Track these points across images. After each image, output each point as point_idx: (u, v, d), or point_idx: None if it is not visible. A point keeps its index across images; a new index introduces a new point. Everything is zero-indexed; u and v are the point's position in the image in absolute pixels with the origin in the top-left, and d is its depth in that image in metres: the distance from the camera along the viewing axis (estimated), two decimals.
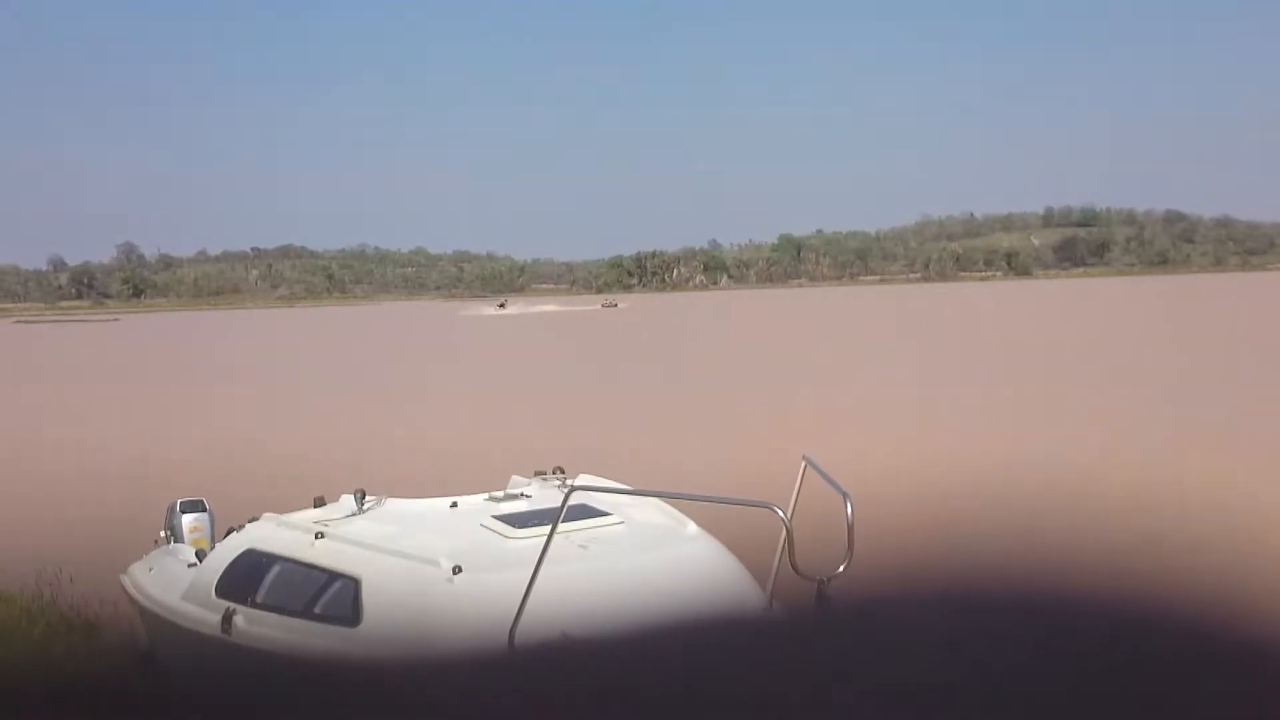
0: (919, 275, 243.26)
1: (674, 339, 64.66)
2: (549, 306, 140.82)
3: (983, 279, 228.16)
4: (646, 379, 39.13)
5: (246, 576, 7.20)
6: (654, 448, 22.43)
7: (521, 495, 7.81)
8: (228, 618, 7.09)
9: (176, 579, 8.33)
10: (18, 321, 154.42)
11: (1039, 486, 16.68)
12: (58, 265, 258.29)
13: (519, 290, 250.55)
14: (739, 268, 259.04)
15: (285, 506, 8.07)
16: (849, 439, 21.73)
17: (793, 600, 5.89)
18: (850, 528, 5.46)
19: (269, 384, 42.18)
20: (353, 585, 6.42)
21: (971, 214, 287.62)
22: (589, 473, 8.32)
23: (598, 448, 21.29)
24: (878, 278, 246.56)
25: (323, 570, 6.67)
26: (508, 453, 20.74)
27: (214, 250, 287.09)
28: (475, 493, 8.08)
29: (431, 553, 6.30)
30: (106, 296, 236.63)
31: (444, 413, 30.71)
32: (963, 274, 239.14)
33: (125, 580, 9.07)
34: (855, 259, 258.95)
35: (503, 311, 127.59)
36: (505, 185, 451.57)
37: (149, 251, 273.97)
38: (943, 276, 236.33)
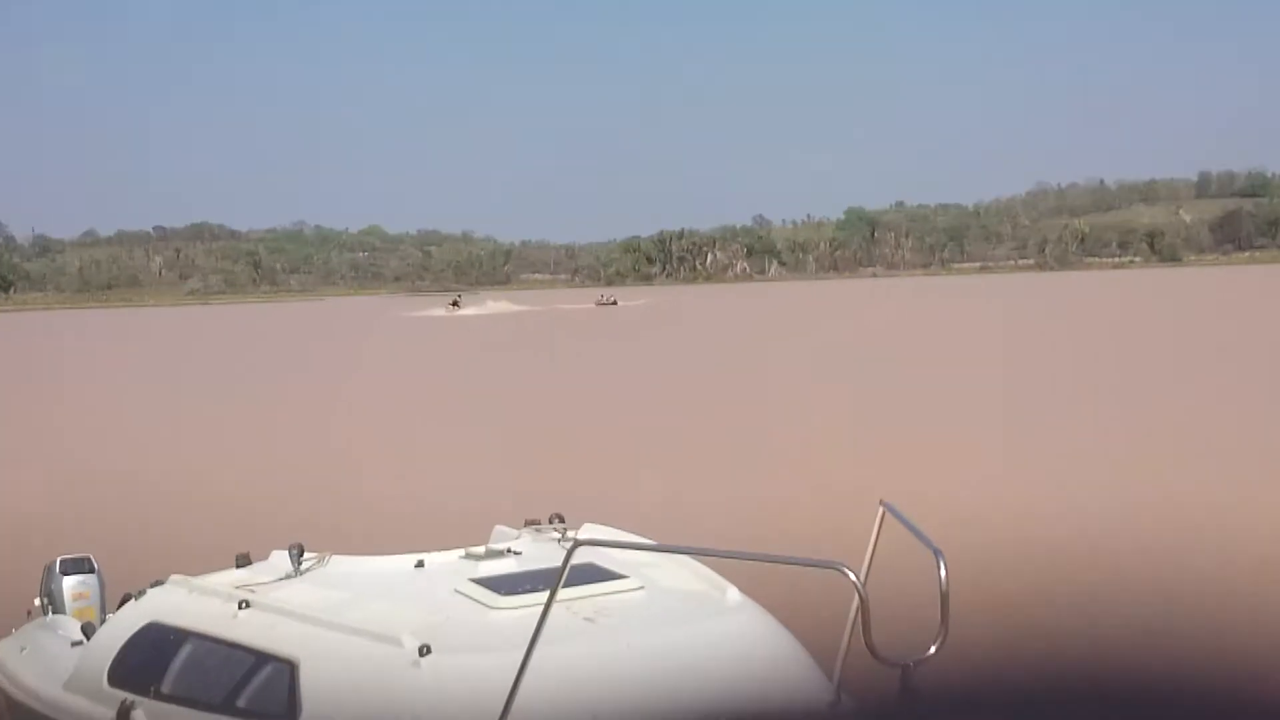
0: (1032, 261, 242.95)
1: (688, 347, 64.69)
2: (510, 305, 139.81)
3: (1116, 266, 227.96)
4: (667, 401, 39.12)
5: (149, 659, 7.22)
6: (679, 491, 22.41)
7: (509, 551, 7.81)
8: (124, 713, 7.09)
9: (56, 662, 8.35)
10: None
11: (1182, 543, 16.64)
12: None
13: (504, 282, 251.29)
14: (793, 252, 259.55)
15: (198, 566, 8.10)
16: (932, 478, 21.71)
17: (868, 691, 5.89)
18: (944, 595, 5.44)
19: (172, 406, 42.33)
20: (287, 670, 6.43)
21: (1101, 181, 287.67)
22: (596, 521, 8.32)
23: (602, 490, 21.31)
24: (977, 265, 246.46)
25: (248, 650, 6.68)
26: (488, 496, 20.77)
27: (105, 230, 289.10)
28: (448, 548, 8.09)
29: (391, 627, 6.31)
30: None
31: (401, 444, 30.76)
32: (1090, 259, 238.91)
33: None
34: (947, 240, 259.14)
35: (456, 313, 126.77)
36: (486, 144, 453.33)
37: (20, 233, 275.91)
38: (1063, 263, 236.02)
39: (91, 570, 10.11)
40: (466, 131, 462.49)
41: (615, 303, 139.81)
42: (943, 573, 5.47)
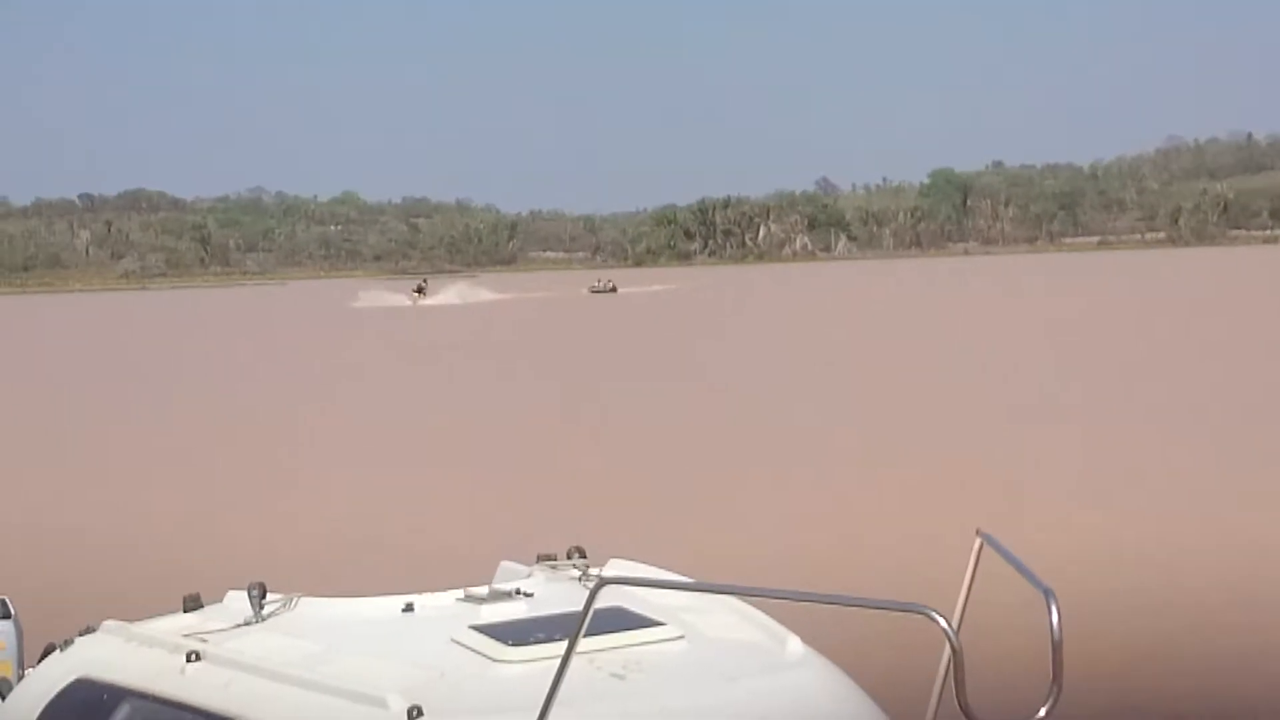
0: (1162, 234, 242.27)
1: (681, 360, 64.69)
2: (487, 292, 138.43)
3: (1267, 240, 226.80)
4: (712, 412, 39.24)
5: None
6: (725, 521, 22.53)
7: (518, 593, 7.80)
8: None
9: None
10: None
11: None
12: None
13: (508, 261, 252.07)
14: (866, 224, 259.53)
15: (137, 610, 8.12)
16: (1033, 510, 21.81)
17: None
18: (1056, 645, 5.41)
19: (93, 418, 42.75)
20: None
21: (1249, 136, 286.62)
22: (624, 557, 8.34)
23: (628, 521, 21.43)
24: (1094, 239, 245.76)
25: (199, 712, 6.70)
26: (489, 527, 20.88)
27: (20, 199, 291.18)
28: (443, 588, 8.11)
29: (374, 685, 6.32)
30: None
31: (378, 462, 30.99)
32: (1234, 231, 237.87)
33: None
34: (1057, 209, 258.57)
35: (422, 302, 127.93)
36: (485, 93, 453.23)
37: None
38: (1201, 235, 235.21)
39: (7, 615, 10.09)
40: (461, 77, 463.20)
41: (614, 289, 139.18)
42: (1054, 618, 5.42)
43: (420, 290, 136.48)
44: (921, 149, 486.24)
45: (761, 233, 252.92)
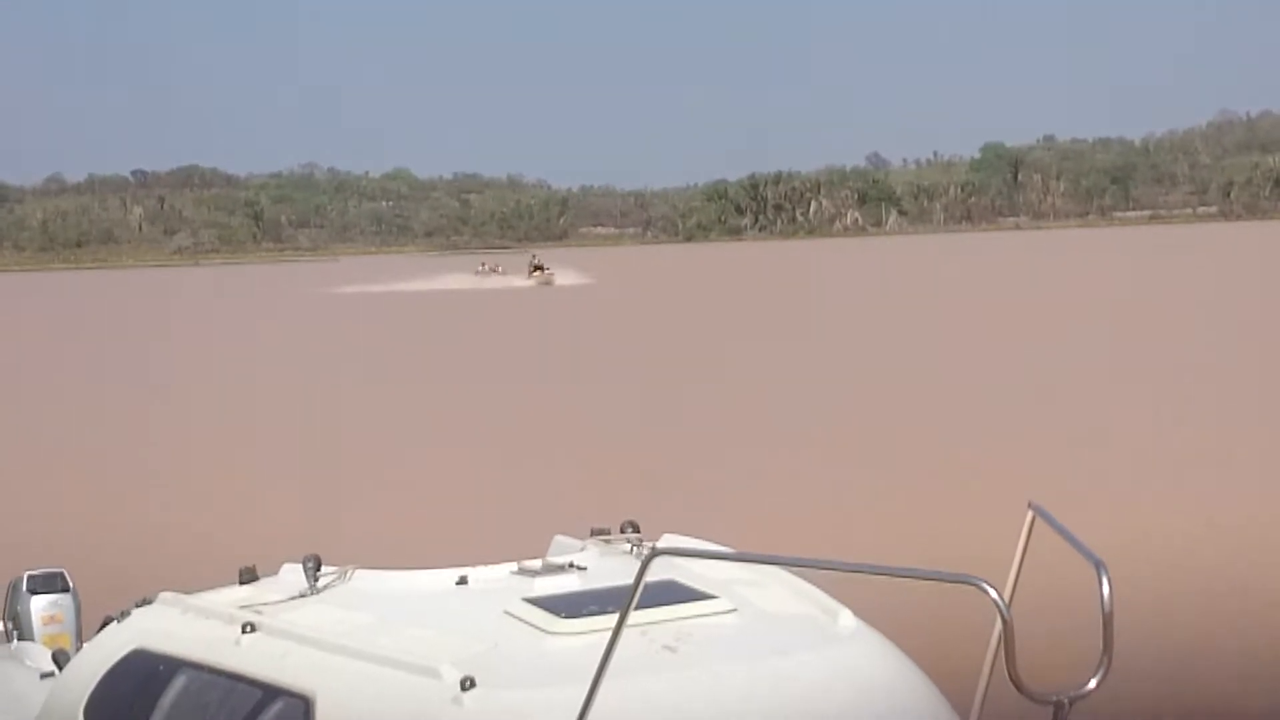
0: (1214, 209, 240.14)
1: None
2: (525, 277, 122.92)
3: None
4: (767, 386, 39.15)
5: (133, 693, 7.27)
6: (779, 495, 22.46)
7: (571, 566, 7.81)
8: None
9: (22, 697, 8.45)
10: None
11: None
12: None
13: (559, 236, 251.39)
14: (916, 198, 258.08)
15: (193, 581, 8.16)
16: (1090, 489, 21.65)
17: None
18: (1107, 618, 5.39)
19: (154, 395, 42.91)
20: (301, 707, 6.47)
21: None
22: (677, 531, 8.32)
23: (682, 494, 21.38)
24: (1145, 213, 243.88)
25: (254, 683, 6.73)
26: (542, 501, 20.88)
27: (74, 176, 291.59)
28: (496, 561, 8.12)
29: (427, 656, 6.34)
30: None
31: (430, 439, 31.04)
32: None
33: None
34: (1108, 183, 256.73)
35: (499, 280, 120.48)
36: (536, 68, 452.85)
37: None
38: (1253, 210, 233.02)
39: (66, 589, 10.09)
40: (512, 53, 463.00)
41: (502, 272, 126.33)
42: (1105, 590, 5.40)
43: (540, 268, 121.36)
44: (972, 123, 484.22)
45: (812, 208, 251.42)
